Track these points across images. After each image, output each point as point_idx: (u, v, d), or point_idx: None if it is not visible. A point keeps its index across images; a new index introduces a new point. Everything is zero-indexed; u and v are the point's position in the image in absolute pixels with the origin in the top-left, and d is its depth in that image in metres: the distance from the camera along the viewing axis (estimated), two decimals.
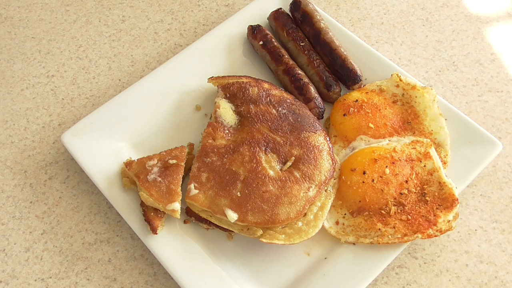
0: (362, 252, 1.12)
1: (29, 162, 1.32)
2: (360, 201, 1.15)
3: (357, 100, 1.28)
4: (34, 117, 1.40)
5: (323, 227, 1.13)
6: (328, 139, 1.21)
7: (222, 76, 1.32)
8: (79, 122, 1.27)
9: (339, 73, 1.36)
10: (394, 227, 1.11)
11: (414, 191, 1.16)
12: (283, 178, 1.13)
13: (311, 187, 1.13)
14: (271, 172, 1.14)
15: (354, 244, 1.13)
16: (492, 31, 1.57)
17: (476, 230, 1.22)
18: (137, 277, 1.16)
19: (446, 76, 1.47)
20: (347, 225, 1.15)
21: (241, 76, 1.32)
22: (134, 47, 1.53)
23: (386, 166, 1.16)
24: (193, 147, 1.27)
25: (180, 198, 1.13)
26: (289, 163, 1.15)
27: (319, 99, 1.31)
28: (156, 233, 1.11)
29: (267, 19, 1.49)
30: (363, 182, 1.15)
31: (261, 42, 1.40)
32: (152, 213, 1.13)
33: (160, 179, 1.14)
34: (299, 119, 1.22)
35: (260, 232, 1.09)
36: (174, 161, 1.17)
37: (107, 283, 1.15)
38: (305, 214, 1.12)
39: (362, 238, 1.12)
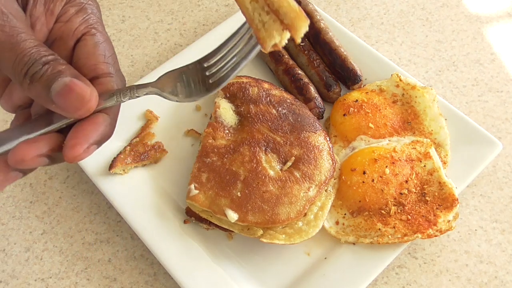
0: (362, 252, 1.12)
1: None
2: (360, 201, 1.15)
3: (357, 100, 1.28)
4: None
5: (323, 227, 1.13)
6: (328, 139, 1.21)
7: None
8: None
9: (339, 73, 1.36)
10: (394, 227, 1.11)
11: (414, 191, 1.16)
12: (283, 178, 1.13)
13: (311, 187, 1.13)
14: (271, 172, 1.14)
15: (354, 244, 1.13)
16: (492, 31, 1.57)
17: (476, 230, 1.22)
18: (137, 277, 1.16)
19: (446, 76, 1.47)
20: (347, 225, 1.15)
21: (241, 76, 1.32)
22: (134, 47, 1.53)
23: (386, 166, 1.16)
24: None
25: None
26: (289, 163, 1.15)
27: (319, 99, 1.31)
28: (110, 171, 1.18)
29: None
30: (363, 182, 1.15)
31: None
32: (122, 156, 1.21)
33: None
34: (299, 119, 1.22)
35: (261, 232, 1.09)
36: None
37: (107, 283, 1.15)
38: (305, 214, 1.12)
39: (362, 238, 1.12)
